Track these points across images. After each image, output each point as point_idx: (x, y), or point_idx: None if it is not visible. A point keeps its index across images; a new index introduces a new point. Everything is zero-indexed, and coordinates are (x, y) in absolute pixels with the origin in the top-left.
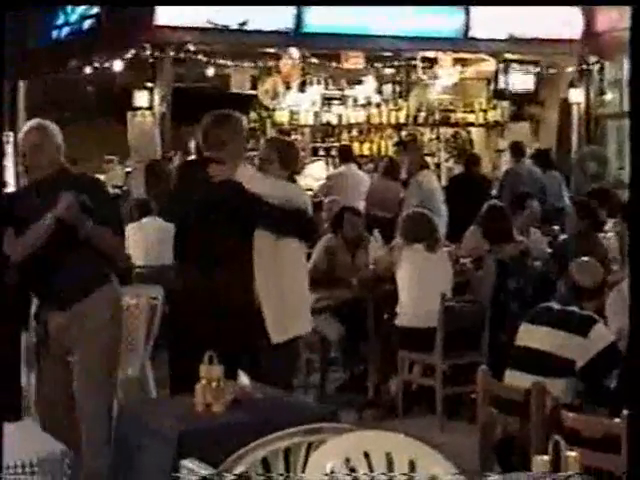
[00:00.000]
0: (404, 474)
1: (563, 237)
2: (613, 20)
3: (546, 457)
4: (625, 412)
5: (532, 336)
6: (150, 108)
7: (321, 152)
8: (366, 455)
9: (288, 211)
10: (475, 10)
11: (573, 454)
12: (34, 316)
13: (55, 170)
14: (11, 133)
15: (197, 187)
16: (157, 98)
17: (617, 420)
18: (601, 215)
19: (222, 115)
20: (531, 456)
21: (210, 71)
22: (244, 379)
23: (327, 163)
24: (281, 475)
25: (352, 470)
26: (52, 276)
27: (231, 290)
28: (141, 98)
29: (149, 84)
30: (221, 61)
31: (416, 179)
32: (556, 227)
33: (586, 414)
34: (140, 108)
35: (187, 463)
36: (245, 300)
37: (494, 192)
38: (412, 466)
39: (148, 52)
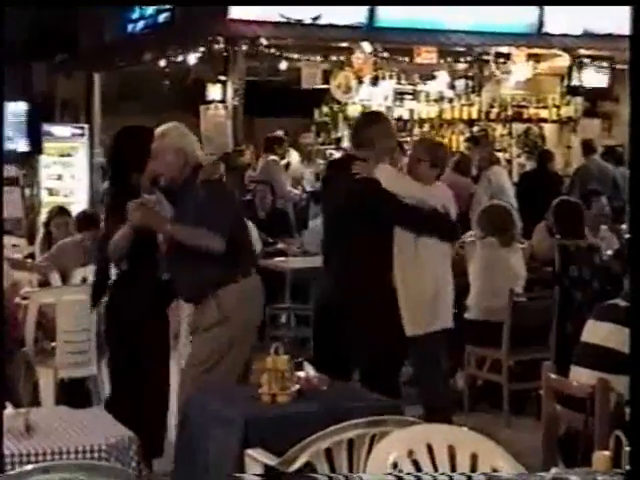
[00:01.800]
0: (462, 474)
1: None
2: None
3: (607, 453)
4: None
5: (597, 332)
6: (223, 101)
7: None
8: (429, 448)
9: (422, 211)
10: (549, 5)
11: None
12: None
13: (184, 176)
14: (86, 125)
15: (340, 183)
16: (230, 91)
17: None
18: None
19: (373, 114)
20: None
21: (283, 65)
22: (310, 370)
23: None
24: (341, 475)
25: (415, 462)
26: (175, 277)
27: (370, 280)
28: (214, 91)
29: (222, 77)
30: (294, 55)
31: (486, 175)
32: (624, 225)
33: None
34: (213, 101)
35: (252, 452)
36: (384, 291)
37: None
38: (474, 459)
39: (222, 46)
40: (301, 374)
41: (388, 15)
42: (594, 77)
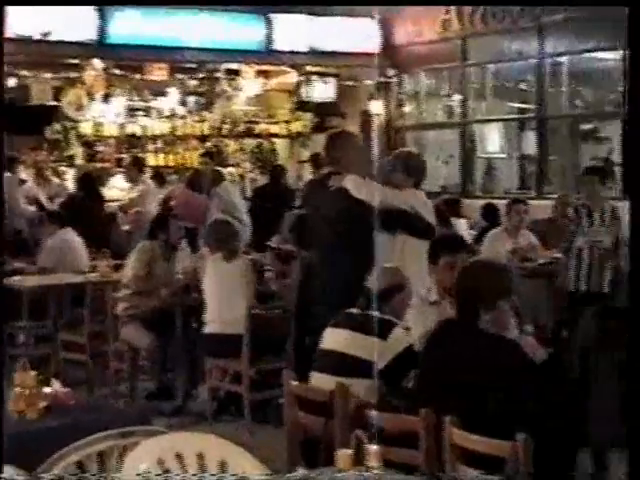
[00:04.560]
0: (214, 474)
1: None
2: (410, 34)
3: (349, 451)
4: (423, 410)
5: (335, 339)
6: None
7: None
8: (178, 456)
9: (388, 211)
10: (277, 23)
11: (374, 448)
12: None
13: None
14: None
15: (317, 195)
16: None
17: (415, 418)
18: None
19: (336, 133)
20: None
21: (12, 81)
22: (57, 385)
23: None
24: (93, 475)
25: (166, 471)
26: None
27: (348, 278)
28: None
29: None
30: (23, 72)
31: (216, 191)
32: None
33: (388, 412)
34: None
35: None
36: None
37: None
38: (223, 466)
39: None
40: (48, 390)
41: (119, 31)
42: (321, 93)
